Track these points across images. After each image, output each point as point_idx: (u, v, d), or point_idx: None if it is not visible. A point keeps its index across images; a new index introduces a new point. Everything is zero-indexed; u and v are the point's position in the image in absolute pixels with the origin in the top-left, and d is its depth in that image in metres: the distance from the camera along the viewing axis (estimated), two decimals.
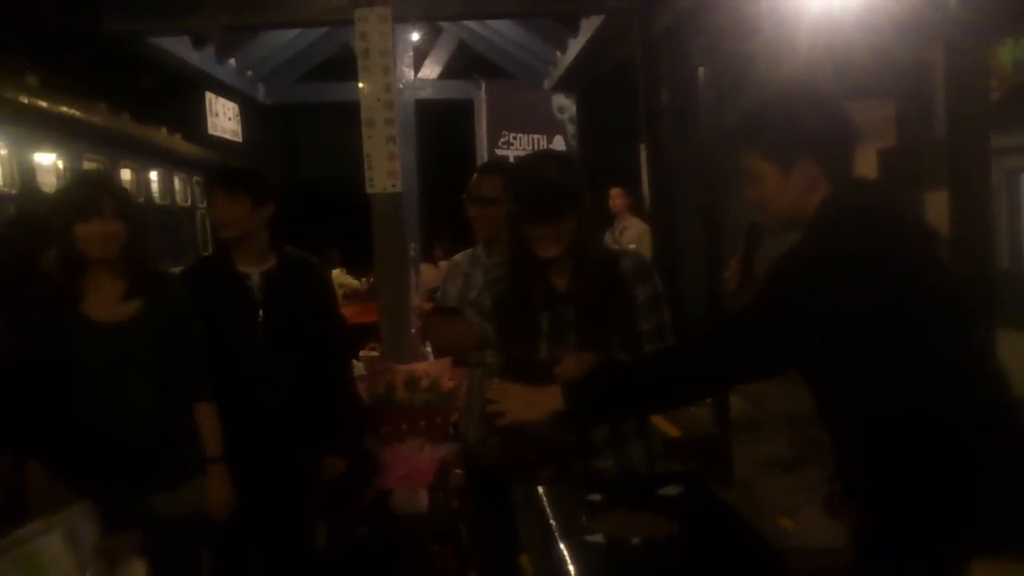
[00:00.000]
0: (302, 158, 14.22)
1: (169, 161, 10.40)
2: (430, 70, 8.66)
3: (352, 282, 9.41)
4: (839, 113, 1.74)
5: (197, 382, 2.60)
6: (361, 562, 3.44)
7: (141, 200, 9.75)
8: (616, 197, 6.93)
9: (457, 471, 3.45)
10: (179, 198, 11.00)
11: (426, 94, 8.50)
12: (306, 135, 13.87)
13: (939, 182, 3.18)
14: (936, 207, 3.69)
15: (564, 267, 2.21)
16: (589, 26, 6.83)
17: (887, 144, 5.34)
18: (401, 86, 8.21)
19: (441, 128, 10.38)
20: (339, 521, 3.37)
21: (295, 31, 8.18)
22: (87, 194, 2.44)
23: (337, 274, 9.06)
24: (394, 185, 4.56)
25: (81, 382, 2.43)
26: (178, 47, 6.68)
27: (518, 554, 3.11)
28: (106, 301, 2.45)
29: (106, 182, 2.55)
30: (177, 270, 3.14)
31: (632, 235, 6.70)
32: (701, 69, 6.00)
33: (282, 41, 8.40)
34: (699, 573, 1.40)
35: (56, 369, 2.39)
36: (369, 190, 4.58)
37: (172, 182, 10.85)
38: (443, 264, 7.61)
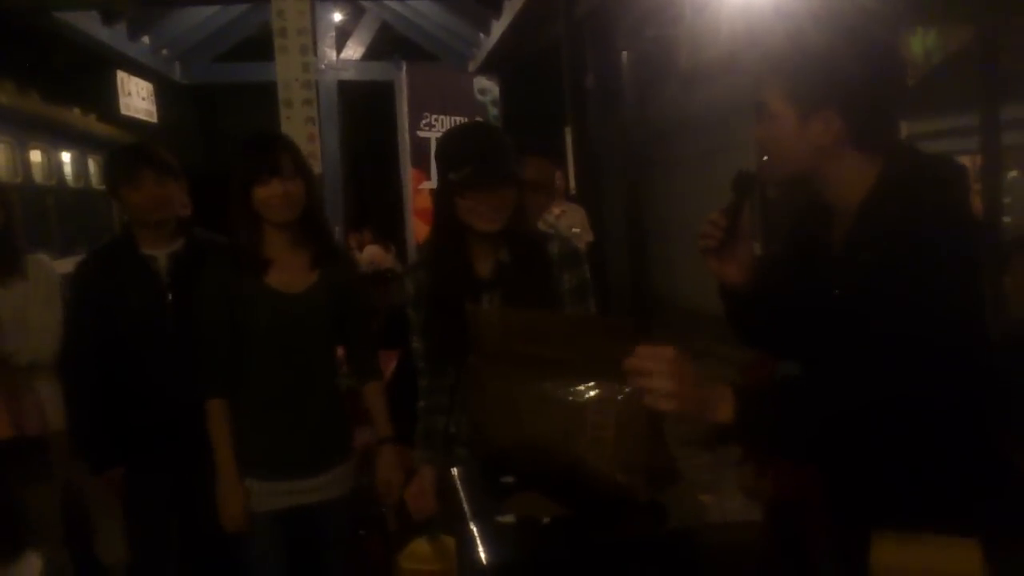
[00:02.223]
0: (223, 140, 13.89)
1: (83, 142, 10.04)
2: (353, 51, 8.52)
3: None
4: (888, 63, 1.50)
5: (370, 359, 2.50)
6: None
7: (53, 183, 9.41)
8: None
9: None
10: (94, 181, 10.65)
11: (349, 75, 8.37)
12: (226, 116, 13.53)
13: None
14: None
15: (490, 251, 2.14)
16: (512, 7, 6.80)
17: None
18: (323, 67, 8.06)
19: (365, 110, 10.25)
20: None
21: (212, 8, 7.96)
22: (265, 153, 2.26)
23: None
24: (313, 167, 4.48)
25: (259, 356, 2.28)
26: (87, 23, 6.43)
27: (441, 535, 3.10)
28: (288, 270, 2.30)
29: (284, 140, 2.41)
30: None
31: (572, 220, 6.44)
32: (624, 53, 6.05)
33: (198, 19, 8.15)
34: (609, 550, 1.40)
35: (232, 342, 2.26)
36: None
37: (86, 164, 10.48)
38: (369, 249, 7.52)
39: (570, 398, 1.50)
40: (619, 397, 1.45)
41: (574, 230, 5.93)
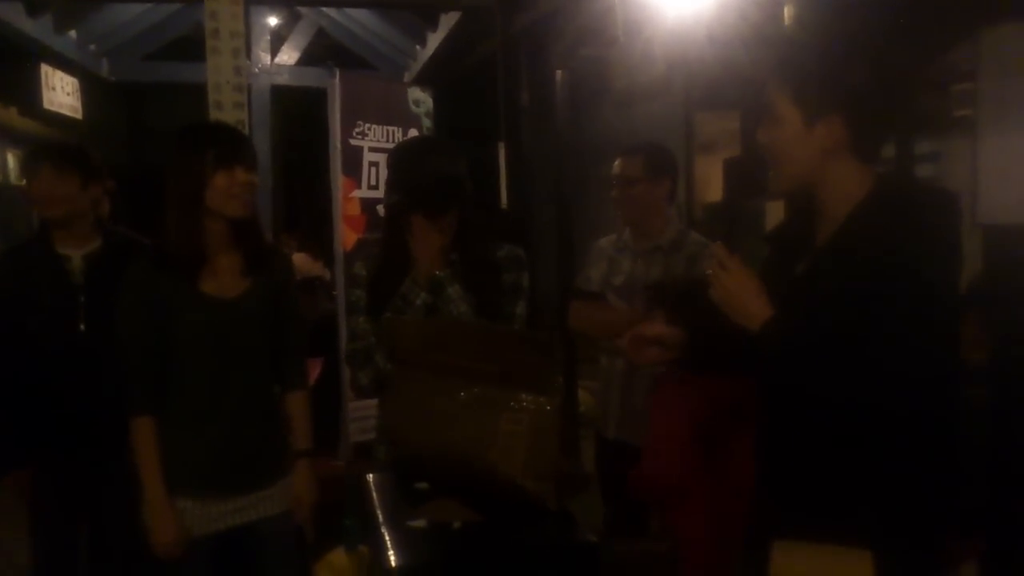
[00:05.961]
0: (151, 140, 13.55)
1: (2, 136, 9.70)
2: (288, 56, 8.44)
3: None
4: (893, 76, 1.55)
5: (297, 368, 2.37)
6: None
7: None
8: None
9: None
10: (12, 176, 10.29)
11: (283, 80, 8.28)
12: (156, 116, 13.18)
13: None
14: (775, 215, 3.88)
15: (438, 259, 2.19)
16: (448, 21, 6.85)
17: (734, 154, 5.58)
18: (256, 70, 7.96)
19: (299, 116, 10.13)
20: None
21: (143, 5, 7.80)
22: (237, 139, 2.11)
23: None
24: None
25: (190, 366, 2.13)
26: (10, 14, 6.24)
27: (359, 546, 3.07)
28: (221, 274, 2.15)
29: (240, 129, 2.27)
30: None
31: None
32: (560, 72, 6.12)
33: (128, 16, 7.97)
34: (517, 556, 1.42)
35: (159, 352, 2.11)
36: None
37: (5, 159, 10.11)
38: (296, 256, 7.41)
39: (484, 406, 1.52)
40: (532, 407, 1.48)
41: None
